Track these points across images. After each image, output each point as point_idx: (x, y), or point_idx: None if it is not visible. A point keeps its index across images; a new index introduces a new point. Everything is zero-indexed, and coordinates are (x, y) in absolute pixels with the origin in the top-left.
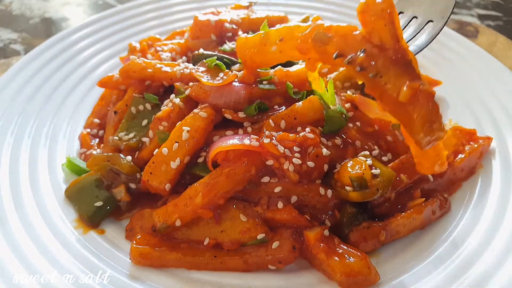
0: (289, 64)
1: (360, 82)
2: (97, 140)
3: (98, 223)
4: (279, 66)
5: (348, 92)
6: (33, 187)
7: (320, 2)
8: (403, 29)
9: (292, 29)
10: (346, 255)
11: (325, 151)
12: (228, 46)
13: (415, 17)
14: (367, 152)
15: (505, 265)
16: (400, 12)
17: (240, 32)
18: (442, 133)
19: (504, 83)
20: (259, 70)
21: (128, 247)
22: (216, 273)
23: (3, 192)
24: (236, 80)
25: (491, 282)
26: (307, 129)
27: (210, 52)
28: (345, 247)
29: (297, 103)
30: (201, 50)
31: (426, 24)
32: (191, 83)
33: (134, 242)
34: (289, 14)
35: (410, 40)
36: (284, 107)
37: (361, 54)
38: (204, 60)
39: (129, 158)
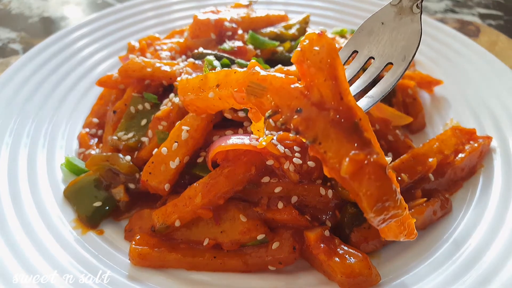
0: (289, 63)
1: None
2: (96, 139)
3: (97, 223)
4: (279, 65)
5: None
6: (31, 187)
7: (320, 0)
8: (356, 74)
9: (228, 74)
10: (346, 256)
11: None
12: (228, 45)
13: (372, 57)
14: None
15: (507, 265)
16: (354, 51)
17: (240, 31)
18: (399, 211)
19: (505, 82)
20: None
21: (127, 248)
22: (216, 274)
23: (1, 192)
24: None
25: (492, 282)
26: None
27: (209, 51)
28: (346, 248)
29: None
30: (201, 49)
31: (385, 67)
32: None
33: (133, 242)
34: (289, 13)
35: (364, 88)
36: None
37: (296, 115)
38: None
39: (128, 158)
